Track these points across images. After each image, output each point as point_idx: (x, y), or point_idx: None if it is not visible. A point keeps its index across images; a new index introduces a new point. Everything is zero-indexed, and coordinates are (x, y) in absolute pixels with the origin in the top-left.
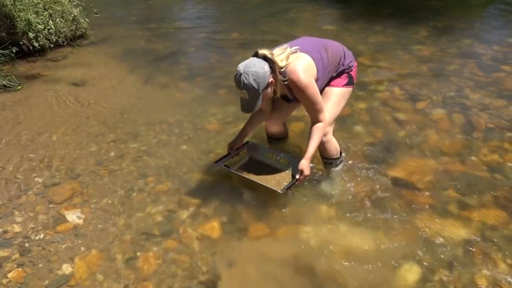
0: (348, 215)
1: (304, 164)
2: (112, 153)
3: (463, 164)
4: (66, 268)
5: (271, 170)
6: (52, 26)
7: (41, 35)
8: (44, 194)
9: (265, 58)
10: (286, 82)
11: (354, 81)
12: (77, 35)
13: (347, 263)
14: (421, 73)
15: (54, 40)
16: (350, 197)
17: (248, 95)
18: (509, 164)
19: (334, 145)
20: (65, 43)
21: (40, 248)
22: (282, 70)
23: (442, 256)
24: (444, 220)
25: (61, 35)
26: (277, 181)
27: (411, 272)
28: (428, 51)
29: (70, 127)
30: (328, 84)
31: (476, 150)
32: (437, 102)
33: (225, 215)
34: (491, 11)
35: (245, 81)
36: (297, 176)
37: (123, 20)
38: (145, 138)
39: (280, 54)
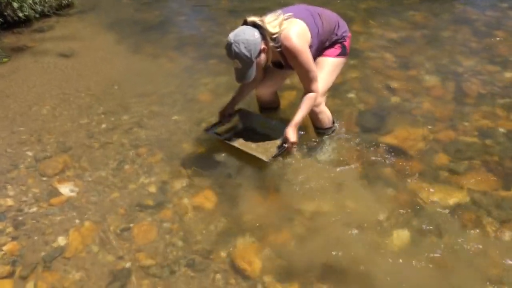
0: (340, 182)
1: (289, 132)
2: (103, 125)
3: (455, 130)
4: (61, 240)
5: (263, 138)
6: None
7: (26, 5)
8: (35, 168)
9: (255, 25)
10: (279, 49)
11: (348, 51)
12: (63, 4)
13: (340, 230)
14: (414, 39)
15: (39, 10)
16: (343, 164)
17: (241, 64)
18: (500, 129)
19: (326, 115)
20: (51, 12)
21: (34, 221)
22: (275, 36)
23: (432, 221)
24: (435, 186)
25: (46, 5)
26: (267, 149)
27: (402, 237)
28: (421, 17)
29: (59, 100)
30: (321, 54)
31: (468, 116)
32: (430, 69)
33: (218, 184)
34: None
35: (236, 50)
36: (285, 145)
37: None
38: (136, 110)
39: (273, 20)
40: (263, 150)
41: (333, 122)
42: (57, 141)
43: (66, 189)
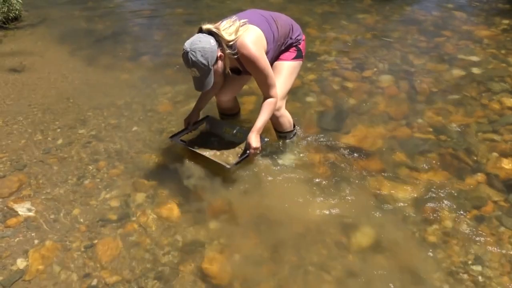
0: (304, 184)
1: (251, 138)
2: (60, 141)
3: (410, 127)
4: (21, 263)
5: (227, 144)
6: None
7: None
8: None
9: (210, 32)
10: (236, 56)
11: (303, 54)
12: (10, 18)
13: (305, 231)
14: (367, 41)
15: None
16: (305, 166)
17: (199, 73)
18: (453, 124)
19: (287, 119)
20: None
21: None
22: (231, 43)
23: (395, 218)
24: (395, 183)
25: None
26: (231, 156)
27: (366, 236)
28: (372, 19)
29: (11, 117)
30: (277, 58)
31: (422, 114)
32: (383, 69)
33: (183, 194)
34: None
35: (193, 58)
36: (248, 151)
37: None
38: (94, 123)
39: (229, 27)
40: (228, 157)
41: (294, 126)
42: (11, 159)
43: (23, 209)
